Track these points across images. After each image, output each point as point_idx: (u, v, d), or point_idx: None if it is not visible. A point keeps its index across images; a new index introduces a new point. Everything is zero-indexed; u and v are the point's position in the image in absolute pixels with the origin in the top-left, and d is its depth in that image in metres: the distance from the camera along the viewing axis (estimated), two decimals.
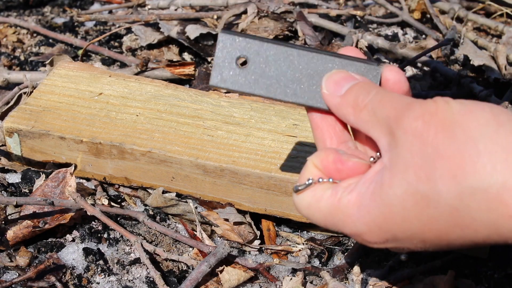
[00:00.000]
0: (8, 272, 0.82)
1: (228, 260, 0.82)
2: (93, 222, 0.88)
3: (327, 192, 0.60)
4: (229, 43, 0.64)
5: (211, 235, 0.88)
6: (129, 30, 1.27)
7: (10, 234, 0.84)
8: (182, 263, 0.85)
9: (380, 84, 0.63)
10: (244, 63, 0.64)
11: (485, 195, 0.51)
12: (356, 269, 0.79)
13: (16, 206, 0.88)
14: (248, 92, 0.65)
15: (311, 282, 0.81)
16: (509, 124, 0.53)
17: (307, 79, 0.64)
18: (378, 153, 0.59)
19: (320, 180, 0.60)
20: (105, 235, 0.87)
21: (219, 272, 0.81)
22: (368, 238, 0.57)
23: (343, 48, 0.65)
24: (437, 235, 0.54)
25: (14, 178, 0.95)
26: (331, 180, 0.60)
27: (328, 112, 0.63)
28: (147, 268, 0.82)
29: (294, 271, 0.83)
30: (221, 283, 0.81)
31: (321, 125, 0.63)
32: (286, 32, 1.22)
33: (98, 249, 0.85)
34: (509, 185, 0.51)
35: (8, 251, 0.84)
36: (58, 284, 0.80)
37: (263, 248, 0.87)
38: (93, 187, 0.93)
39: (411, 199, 0.53)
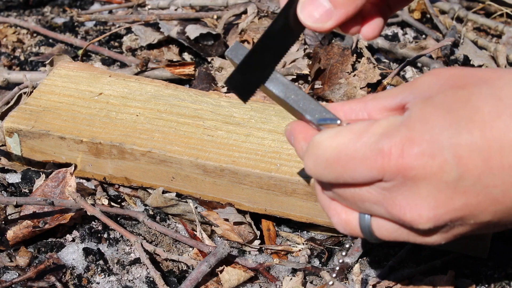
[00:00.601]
0: (8, 272, 0.82)
1: (228, 260, 0.82)
2: (93, 222, 0.88)
3: (355, 126, 0.59)
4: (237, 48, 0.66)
5: (211, 235, 0.88)
6: (129, 30, 1.27)
7: (10, 234, 0.84)
8: (182, 263, 0.85)
9: None
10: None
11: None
12: (356, 269, 0.79)
13: (16, 206, 0.88)
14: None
15: (311, 282, 0.81)
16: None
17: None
18: None
19: (345, 124, 0.61)
20: (105, 235, 0.87)
21: (219, 272, 0.81)
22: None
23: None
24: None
25: (14, 178, 0.95)
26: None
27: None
28: (147, 268, 0.82)
29: (294, 271, 0.83)
30: (221, 283, 0.81)
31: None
32: None
33: (98, 249, 0.85)
34: None
35: (8, 251, 0.84)
36: (58, 284, 0.80)
37: (263, 248, 0.87)
38: (93, 187, 0.93)
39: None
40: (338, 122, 0.62)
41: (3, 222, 0.87)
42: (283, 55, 0.68)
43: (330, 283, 0.77)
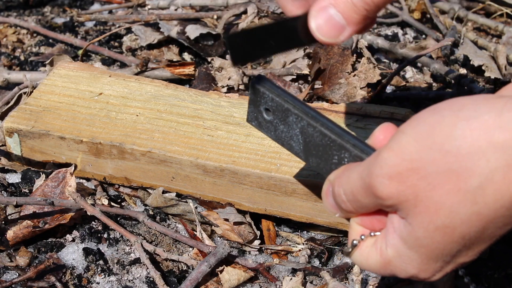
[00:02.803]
0: (8, 272, 0.82)
1: (228, 260, 0.82)
2: (93, 222, 0.88)
3: (372, 250, 0.61)
4: (257, 92, 0.68)
5: (211, 235, 0.88)
6: (129, 30, 1.27)
7: (10, 234, 0.84)
8: (182, 263, 0.85)
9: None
10: (268, 112, 0.68)
11: (492, 186, 0.53)
12: (356, 269, 0.79)
13: (16, 206, 0.88)
14: (273, 138, 0.69)
15: (311, 282, 0.81)
16: (474, 113, 0.54)
17: (316, 152, 0.66)
18: None
19: (363, 237, 0.62)
20: (105, 235, 0.87)
21: (219, 272, 0.81)
22: (425, 276, 0.59)
23: (382, 125, 0.64)
24: (477, 237, 0.56)
25: (14, 178, 0.95)
26: (372, 234, 0.61)
27: None
28: (147, 268, 0.82)
29: (294, 271, 0.83)
30: (221, 283, 0.81)
31: None
32: None
33: (98, 249, 0.85)
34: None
35: (8, 251, 0.84)
36: (58, 284, 0.80)
37: (263, 248, 0.87)
38: (93, 187, 0.93)
39: (437, 234, 0.55)
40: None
41: (3, 222, 0.87)
42: (284, 50, 0.68)
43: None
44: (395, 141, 0.55)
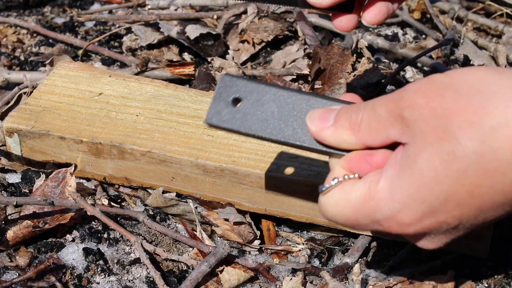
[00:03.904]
0: (8, 272, 0.82)
1: (228, 260, 0.82)
2: (93, 222, 0.89)
3: (355, 185, 0.60)
4: (228, 83, 0.68)
5: (211, 235, 0.88)
6: (129, 30, 1.27)
7: (10, 234, 0.84)
8: (182, 263, 0.85)
9: None
10: (237, 102, 0.67)
11: (505, 131, 0.53)
12: (356, 269, 0.79)
13: (16, 206, 0.88)
14: (237, 130, 0.67)
15: (311, 282, 0.81)
16: (508, 71, 0.55)
17: (295, 120, 0.66)
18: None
19: (346, 177, 0.61)
20: (105, 235, 0.87)
21: (219, 272, 0.81)
22: (404, 217, 0.58)
23: (344, 95, 0.66)
24: (470, 191, 0.55)
25: (14, 178, 0.95)
26: (357, 175, 0.61)
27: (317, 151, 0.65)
28: (147, 268, 0.82)
29: (294, 271, 0.83)
30: (221, 283, 0.81)
31: None
32: (286, 32, 1.23)
33: (98, 249, 0.85)
34: None
35: (8, 251, 0.84)
36: (58, 284, 0.80)
37: (263, 248, 0.87)
38: (93, 187, 0.93)
39: (437, 159, 0.55)
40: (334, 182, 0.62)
41: (3, 222, 0.87)
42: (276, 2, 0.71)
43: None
44: (429, 77, 0.57)
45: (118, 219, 0.89)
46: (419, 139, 0.56)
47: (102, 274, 0.83)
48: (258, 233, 0.89)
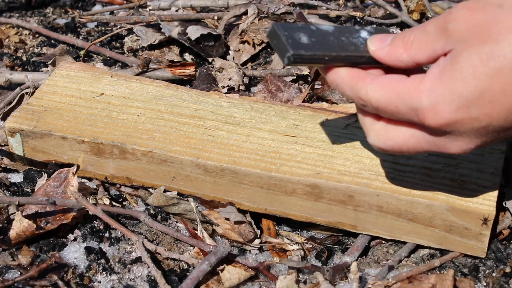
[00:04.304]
0: (10, 271, 0.82)
1: (228, 259, 0.83)
2: (94, 221, 0.89)
3: (402, 78, 0.66)
4: (284, 27, 0.71)
5: (212, 234, 0.88)
6: (130, 31, 1.27)
7: (13, 233, 0.85)
8: (183, 262, 0.85)
9: None
10: (305, 38, 0.71)
11: None
12: (354, 267, 0.79)
13: (19, 205, 0.88)
14: (321, 55, 0.71)
15: (305, 281, 0.81)
16: None
17: (349, 41, 0.72)
18: None
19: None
20: (107, 234, 0.88)
21: (219, 271, 0.81)
22: (440, 109, 0.63)
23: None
24: (502, 88, 0.61)
25: (16, 178, 0.95)
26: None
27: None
28: (148, 267, 0.83)
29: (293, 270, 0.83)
30: (221, 282, 0.81)
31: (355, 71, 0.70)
32: None
33: (100, 248, 0.86)
34: None
35: (11, 250, 0.85)
36: (60, 282, 0.80)
37: (262, 241, 0.87)
38: (95, 187, 0.93)
39: (477, 57, 0.61)
40: None
41: (5, 222, 0.87)
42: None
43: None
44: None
45: (120, 218, 0.90)
46: (462, 43, 0.62)
47: (104, 273, 0.83)
48: (258, 232, 0.89)
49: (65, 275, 0.82)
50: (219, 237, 0.89)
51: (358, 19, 1.30)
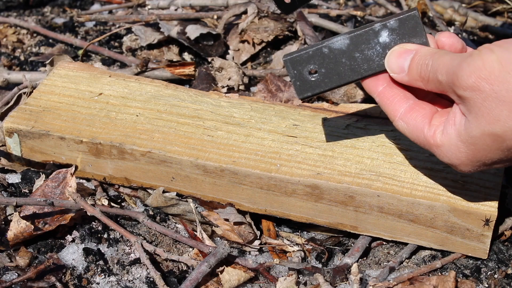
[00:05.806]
0: (8, 272, 0.82)
1: (228, 261, 0.82)
2: (93, 222, 0.89)
3: (428, 124, 0.72)
4: (293, 62, 0.75)
5: (211, 235, 0.88)
6: (129, 30, 1.27)
7: (10, 234, 0.84)
8: (182, 263, 0.85)
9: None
10: (314, 72, 0.75)
11: None
12: (354, 268, 0.79)
13: (16, 206, 0.88)
14: (328, 89, 0.76)
15: (305, 283, 0.81)
16: None
17: (363, 56, 0.74)
18: None
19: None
20: (105, 236, 0.87)
21: (219, 272, 0.81)
22: (462, 168, 0.71)
23: (440, 33, 0.75)
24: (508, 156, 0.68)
25: (14, 179, 0.95)
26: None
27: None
28: (147, 268, 0.82)
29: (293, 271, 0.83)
30: (221, 283, 0.81)
31: (389, 93, 0.75)
32: (286, 32, 1.23)
33: (98, 249, 0.85)
34: None
35: (8, 251, 0.84)
36: (58, 284, 0.80)
37: (262, 243, 0.87)
38: (93, 188, 0.93)
39: (488, 138, 0.67)
40: None
41: (3, 223, 0.87)
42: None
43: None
44: (484, 54, 0.65)
45: (118, 219, 0.89)
46: (473, 118, 0.67)
47: (102, 274, 0.83)
48: (258, 233, 0.89)
49: (63, 276, 0.82)
50: (219, 238, 0.88)
51: (359, 18, 1.29)
